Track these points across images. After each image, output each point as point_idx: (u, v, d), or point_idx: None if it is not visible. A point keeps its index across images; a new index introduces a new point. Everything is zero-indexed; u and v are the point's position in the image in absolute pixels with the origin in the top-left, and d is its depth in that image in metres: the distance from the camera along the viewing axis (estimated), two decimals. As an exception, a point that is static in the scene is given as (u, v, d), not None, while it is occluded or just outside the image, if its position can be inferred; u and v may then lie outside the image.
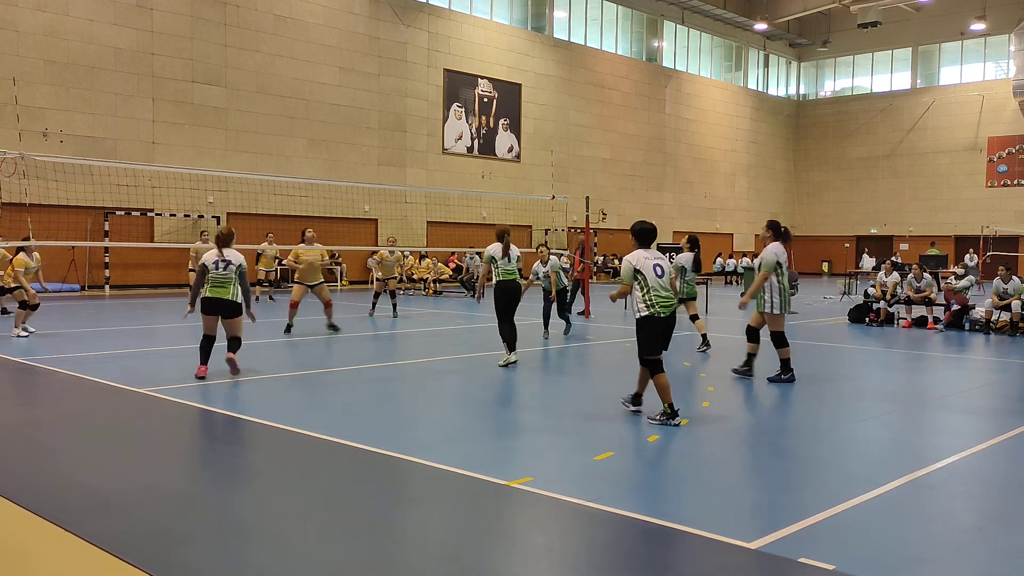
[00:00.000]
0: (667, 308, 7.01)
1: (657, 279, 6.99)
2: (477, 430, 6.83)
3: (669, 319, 7.04)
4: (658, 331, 7.00)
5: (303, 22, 27.26)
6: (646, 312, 6.98)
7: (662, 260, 7.14)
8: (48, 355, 10.51)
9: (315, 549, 4.02)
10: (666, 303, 7.01)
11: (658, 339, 7.02)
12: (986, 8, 40.83)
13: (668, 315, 7.02)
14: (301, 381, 9.04)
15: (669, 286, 7.09)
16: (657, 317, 6.96)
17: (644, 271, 6.98)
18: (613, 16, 38.40)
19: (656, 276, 6.99)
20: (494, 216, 31.71)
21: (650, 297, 6.97)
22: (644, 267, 6.99)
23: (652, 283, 6.97)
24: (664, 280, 7.04)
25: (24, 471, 5.41)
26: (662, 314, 6.97)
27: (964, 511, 4.89)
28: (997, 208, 40.60)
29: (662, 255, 7.23)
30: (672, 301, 7.09)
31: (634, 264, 7.02)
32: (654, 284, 6.97)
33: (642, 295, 6.99)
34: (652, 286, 6.97)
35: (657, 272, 7.01)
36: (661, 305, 6.97)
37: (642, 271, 6.98)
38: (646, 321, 6.99)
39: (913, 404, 8.23)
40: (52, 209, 20.61)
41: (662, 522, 4.40)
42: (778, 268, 9.02)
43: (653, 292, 6.97)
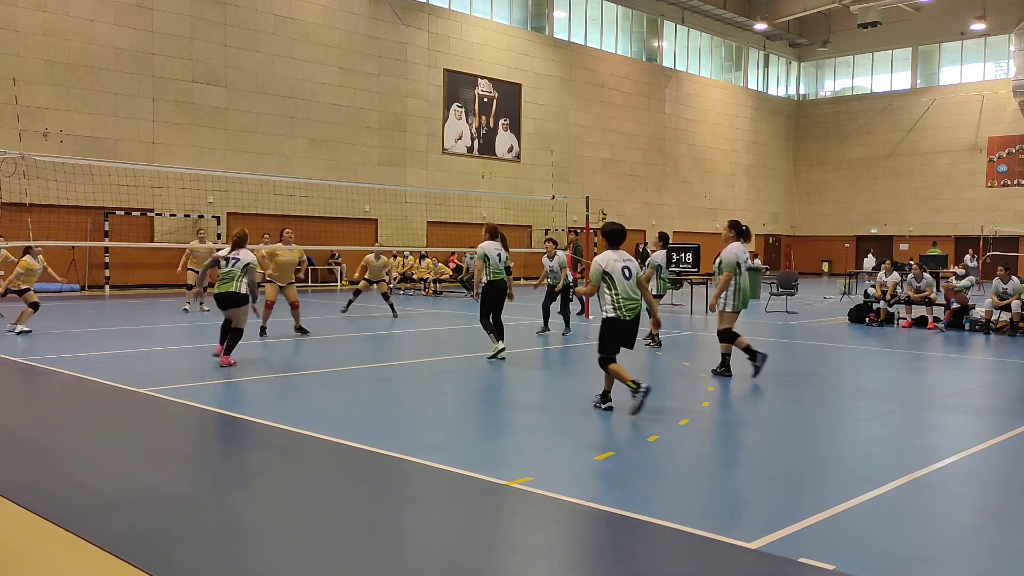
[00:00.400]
0: (632, 311, 7.15)
1: (625, 281, 7.11)
2: (477, 430, 6.83)
3: (633, 322, 7.18)
4: (621, 333, 7.16)
5: (303, 22, 27.27)
6: (612, 314, 7.13)
7: (631, 262, 7.23)
8: (48, 355, 10.51)
9: (315, 549, 4.02)
10: (632, 306, 7.14)
11: (619, 340, 7.19)
12: (986, 8, 40.83)
13: (632, 318, 7.16)
14: (301, 381, 9.04)
15: (637, 288, 7.20)
16: (622, 319, 7.12)
17: (612, 273, 7.10)
18: (613, 16, 38.40)
19: (624, 278, 7.11)
20: (494, 216, 31.68)
21: (617, 299, 7.10)
22: (613, 269, 7.11)
23: (620, 285, 7.09)
24: (632, 282, 7.16)
25: (24, 471, 5.41)
26: (627, 317, 7.13)
27: (964, 511, 4.89)
28: (997, 208, 40.60)
29: (632, 257, 7.31)
30: (638, 304, 7.21)
31: (603, 266, 7.12)
32: (622, 287, 7.10)
33: (610, 297, 7.12)
34: (620, 288, 7.09)
35: (625, 274, 7.13)
36: (627, 308, 7.12)
37: (610, 273, 7.10)
38: (611, 322, 7.16)
39: (913, 404, 8.23)
40: (52, 209, 20.62)
41: (662, 522, 4.40)
42: (737, 268, 9.18)
43: (621, 295, 7.10)
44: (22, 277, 12.94)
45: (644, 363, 10.90)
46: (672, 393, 8.71)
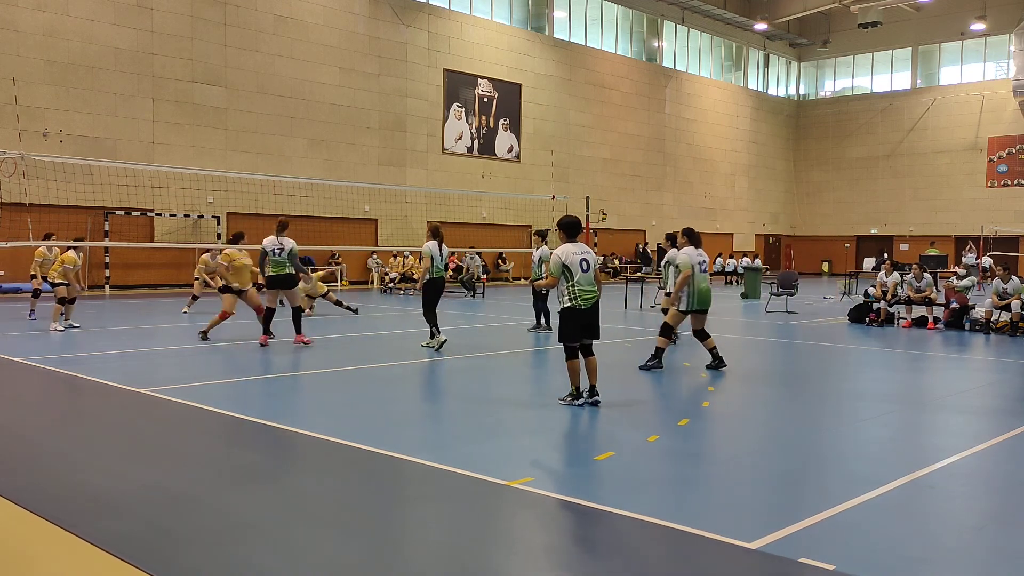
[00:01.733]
0: (588, 301, 7.46)
1: (583, 273, 7.43)
2: (477, 430, 6.83)
3: (590, 311, 7.49)
4: (580, 321, 7.44)
5: (303, 22, 27.27)
6: (568, 304, 7.45)
7: (588, 255, 7.54)
8: (48, 355, 10.51)
9: (315, 549, 4.02)
10: (588, 296, 7.45)
11: (579, 328, 7.49)
12: (986, 8, 40.83)
13: (589, 307, 7.47)
14: (301, 381, 9.04)
15: (594, 280, 7.54)
16: (578, 309, 7.42)
17: (571, 265, 7.39)
18: (613, 16, 38.40)
19: (582, 271, 7.43)
20: (494, 216, 31.72)
21: (573, 290, 7.41)
22: (571, 262, 7.39)
23: (577, 277, 7.40)
24: (589, 274, 7.48)
25: (24, 471, 5.41)
26: (583, 306, 7.43)
27: (964, 511, 4.89)
28: (997, 208, 40.61)
29: (589, 250, 7.61)
30: (594, 294, 7.52)
31: (562, 258, 7.41)
32: (579, 278, 7.41)
33: (566, 287, 7.44)
34: (577, 280, 7.40)
35: (583, 267, 7.44)
36: (583, 298, 7.42)
37: (569, 266, 7.39)
38: (568, 312, 7.47)
39: (913, 404, 8.23)
40: (52, 209, 20.61)
41: (662, 522, 4.40)
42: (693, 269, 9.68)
43: (577, 286, 7.40)
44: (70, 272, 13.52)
45: (644, 363, 10.90)
46: (672, 393, 8.71)
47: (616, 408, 7.78)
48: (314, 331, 13.81)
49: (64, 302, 13.34)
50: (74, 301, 13.69)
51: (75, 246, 14.16)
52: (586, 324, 7.51)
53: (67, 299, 13.41)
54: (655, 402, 8.23)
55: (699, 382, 9.19)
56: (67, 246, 14.21)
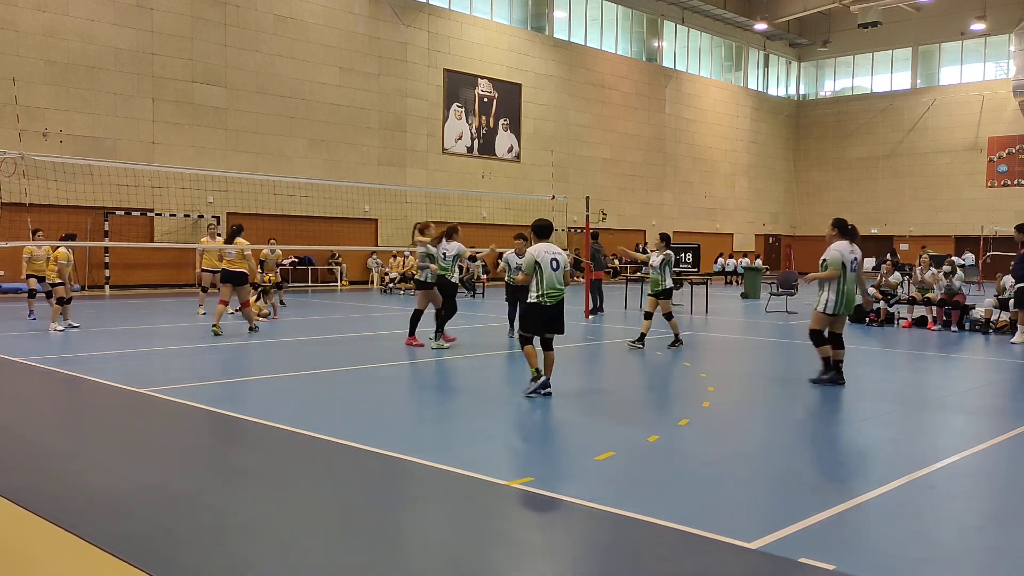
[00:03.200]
0: (554, 298, 7.98)
1: (552, 272, 7.96)
2: (477, 430, 6.83)
3: (554, 307, 8.00)
4: (544, 316, 7.99)
5: (303, 22, 27.27)
6: (535, 299, 7.97)
7: (559, 255, 8.05)
8: (48, 355, 10.51)
9: (315, 549, 4.02)
10: (553, 294, 7.96)
11: (540, 322, 8.01)
12: (986, 8, 40.83)
13: (553, 304, 7.98)
14: (301, 381, 9.04)
15: (562, 279, 8.02)
16: (542, 304, 7.96)
17: (542, 264, 7.93)
18: (613, 16, 38.40)
19: (552, 269, 7.96)
20: (494, 216, 31.71)
21: (542, 287, 7.93)
22: (543, 260, 7.93)
23: (547, 275, 7.92)
24: (558, 273, 7.98)
25: (24, 471, 5.41)
26: (546, 302, 7.96)
27: (964, 511, 4.89)
28: (997, 208, 40.61)
29: (560, 251, 8.12)
30: (560, 292, 8.01)
31: (536, 257, 7.94)
32: (548, 276, 7.92)
33: (535, 284, 7.96)
34: (546, 278, 7.92)
35: (553, 266, 7.97)
36: (549, 296, 7.95)
37: (541, 264, 7.93)
38: (533, 307, 8.00)
39: (913, 404, 8.23)
40: (52, 209, 20.61)
41: (662, 522, 4.39)
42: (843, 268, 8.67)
43: (546, 284, 7.92)
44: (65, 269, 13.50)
45: (645, 363, 10.90)
46: (672, 393, 8.71)
47: (616, 408, 7.79)
48: (314, 331, 13.82)
49: (62, 302, 13.33)
50: (70, 301, 13.67)
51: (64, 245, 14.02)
52: (549, 319, 8.00)
53: (65, 299, 13.40)
54: (655, 402, 8.23)
55: (699, 382, 9.19)
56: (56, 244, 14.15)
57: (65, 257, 13.60)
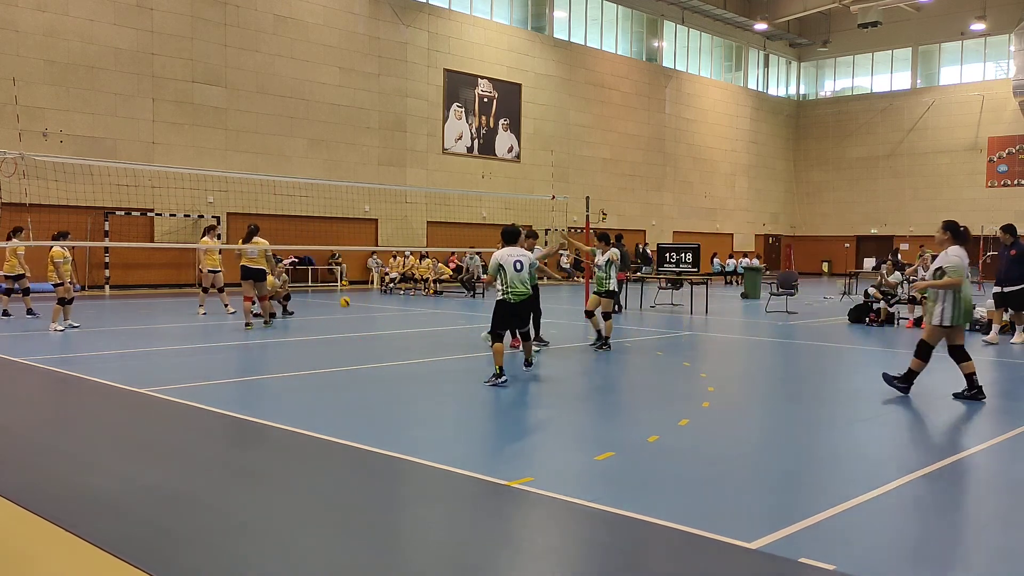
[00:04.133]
0: (518, 296, 8.97)
1: (515, 273, 8.96)
2: (477, 430, 6.83)
3: (519, 304, 9.02)
4: (509, 312, 8.99)
5: (303, 22, 27.27)
6: (501, 296, 8.99)
7: (522, 257, 9.08)
8: (48, 355, 10.51)
9: (315, 549, 4.02)
10: (517, 292, 8.96)
11: (508, 318, 9.04)
12: (986, 8, 40.84)
13: (518, 301, 8.98)
14: (301, 381, 9.03)
15: (527, 279, 9.05)
16: (508, 302, 8.96)
17: (505, 266, 8.94)
18: (613, 16, 38.41)
19: (515, 271, 8.96)
20: (494, 216, 31.71)
21: (506, 286, 8.96)
22: (506, 263, 8.95)
23: (510, 275, 8.95)
24: (523, 274, 8.99)
25: (24, 471, 5.41)
26: (511, 300, 8.95)
27: (964, 511, 4.89)
28: (997, 208, 40.60)
29: (525, 253, 9.21)
30: (525, 291, 9.02)
31: (499, 260, 8.96)
32: (511, 276, 8.95)
33: (500, 283, 9.00)
34: (510, 278, 8.95)
35: (516, 267, 8.97)
36: (513, 293, 8.95)
37: (504, 266, 8.94)
38: (500, 303, 9.01)
39: (913, 404, 8.23)
40: (52, 209, 20.61)
41: (662, 522, 4.39)
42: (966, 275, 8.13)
43: (510, 283, 8.95)
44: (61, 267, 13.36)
45: (644, 363, 10.90)
46: (672, 393, 8.71)
47: (616, 408, 7.79)
48: (314, 331, 13.82)
49: (63, 302, 13.32)
50: (72, 301, 13.62)
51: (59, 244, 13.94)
52: (514, 315, 9.07)
53: (67, 299, 13.38)
54: (655, 402, 8.22)
55: (699, 382, 9.19)
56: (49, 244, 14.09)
57: (61, 256, 13.45)
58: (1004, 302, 13.16)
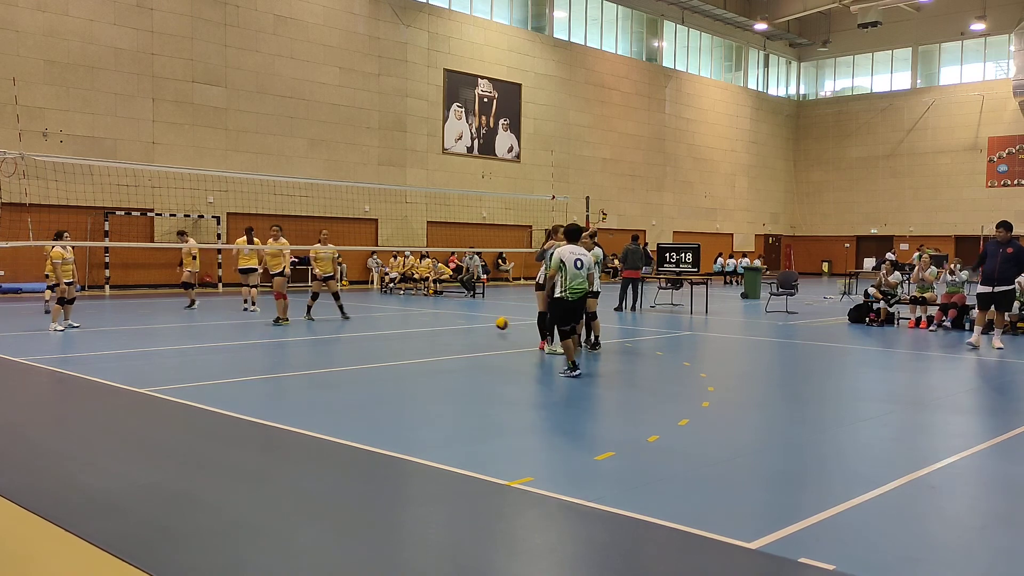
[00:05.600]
0: (575, 294, 9.09)
1: (576, 270, 9.07)
2: (477, 430, 6.83)
3: (577, 302, 9.14)
4: (567, 309, 9.12)
5: (303, 22, 27.27)
6: (559, 294, 9.08)
7: (583, 256, 9.18)
8: (48, 355, 10.51)
9: (315, 549, 4.02)
10: (575, 290, 9.06)
11: (568, 315, 9.15)
12: (986, 8, 40.84)
13: (575, 299, 9.10)
14: (301, 381, 9.04)
15: (587, 277, 9.20)
16: (565, 299, 9.08)
17: (567, 263, 9.04)
18: (613, 16, 38.41)
19: (575, 268, 9.06)
20: (494, 216, 31.73)
21: (566, 284, 9.04)
22: (568, 260, 9.06)
23: (570, 273, 9.05)
24: (583, 272, 9.11)
25: (24, 471, 5.41)
26: (569, 297, 9.07)
27: (964, 511, 4.89)
28: (997, 208, 40.59)
29: (585, 251, 9.31)
30: (583, 289, 9.14)
31: (562, 257, 9.08)
32: (571, 274, 9.05)
33: (560, 281, 9.06)
34: (570, 276, 9.04)
35: (576, 265, 9.08)
36: (571, 291, 9.07)
37: (565, 263, 9.04)
38: (557, 301, 9.16)
39: (913, 404, 8.23)
40: (52, 209, 20.61)
41: (662, 522, 4.39)
42: None
43: (569, 280, 9.03)
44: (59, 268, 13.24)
45: (644, 363, 10.90)
46: (672, 393, 8.71)
47: (616, 408, 7.80)
48: (314, 331, 13.83)
49: (63, 302, 13.30)
50: (73, 301, 13.60)
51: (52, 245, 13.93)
52: (572, 311, 9.19)
53: (68, 299, 13.37)
54: (655, 402, 8.22)
55: (699, 382, 9.19)
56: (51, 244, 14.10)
57: (59, 256, 13.31)
58: (990, 302, 12.41)
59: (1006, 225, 12.38)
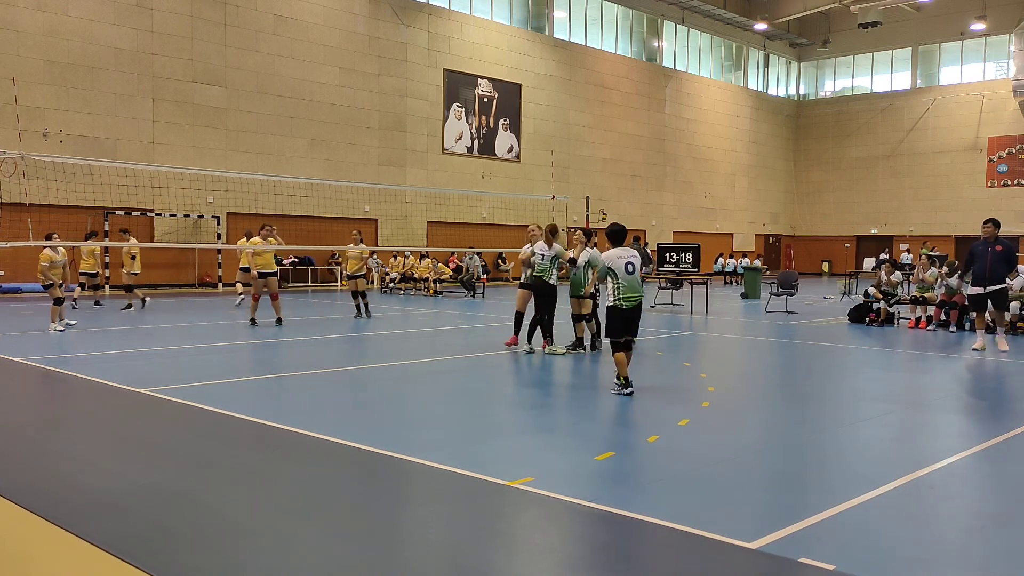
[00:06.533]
0: (631, 301, 8.07)
1: (628, 275, 8.05)
2: (477, 430, 6.83)
3: (633, 311, 8.12)
4: (622, 319, 8.08)
5: (303, 22, 27.27)
6: (612, 302, 8.10)
7: (634, 258, 8.14)
8: (48, 355, 10.51)
9: (315, 549, 4.02)
10: (630, 297, 8.05)
11: (621, 325, 8.08)
12: (986, 8, 40.83)
13: (631, 307, 8.08)
14: (301, 381, 9.03)
15: (639, 282, 8.14)
16: (620, 308, 8.06)
17: (615, 268, 8.04)
18: (613, 16, 38.41)
19: (627, 273, 8.04)
20: (494, 216, 31.73)
21: (618, 291, 8.05)
22: (616, 265, 8.05)
23: (622, 278, 8.04)
24: (635, 276, 8.09)
25: (24, 471, 5.41)
26: (624, 306, 8.05)
27: (964, 511, 4.89)
28: (997, 208, 40.53)
29: (635, 253, 8.21)
30: (639, 296, 8.11)
31: (608, 262, 8.10)
32: (623, 279, 8.04)
33: (612, 288, 8.08)
34: (621, 281, 8.04)
35: (628, 269, 8.05)
36: (625, 299, 8.04)
37: (614, 268, 8.05)
38: (612, 310, 8.13)
39: (913, 404, 8.23)
40: (52, 209, 20.61)
41: (662, 522, 4.39)
42: None
43: (622, 287, 8.04)
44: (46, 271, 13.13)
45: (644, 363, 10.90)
46: (672, 393, 8.71)
47: (616, 408, 7.79)
48: (313, 331, 13.83)
49: (58, 302, 13.21)
50: (62, 302, 13.39)
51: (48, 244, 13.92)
52: (629, 321, 8.10)
53: (60, 300, 13.28)
54: (655, 402, 8.22)
55: (699, 382, 9.18)
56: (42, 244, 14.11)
57: (47, 259, 13.21)
58: (985, 303, 12.16)
59: (995, 222, 12.19)
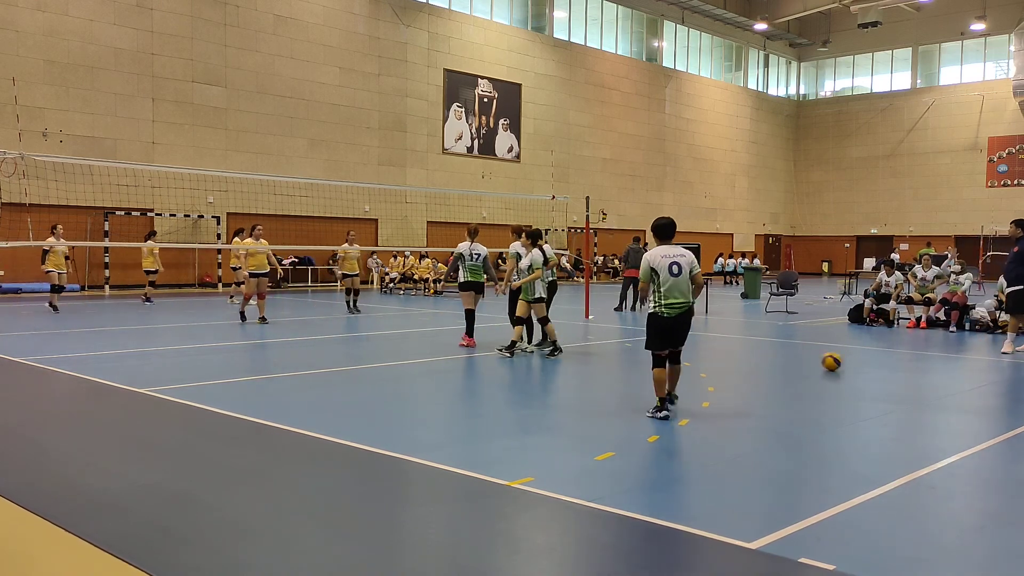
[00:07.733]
0: (674, 308, 6.97)
1: (672, 277, 6.93)
2: (477, 430, 6.83)
3: (677, 319, 6.99)
4: (663, 328, 7.01)
5: (303, 22, 27.27)
6: (652, 309, 7.06)
7: (680, 258, 7.01)
8: (48, 355, 10.51)
9: (315, 549, 4.02)
10: (673, 303, 6.97)
11: (660, 336, 7.03)
12: (986, 8, 40.84)
13: (674, 315, 6.97)
14: (301, 381, 9.03)
15: (686, 287, 7.01)
16: (660, 316, 7.00)
17: (658, 270, 6.97)
18: (613, 16, 38.41)
19: (671, 275, 6.94)
20: (494, 216, 31.71)
21: (659, 296, 6.98)
22: (659, 266, 6.98)
23: (664, 281, 6.94)
24: (682, 278, 6.96)
25: (24, 471, 5.41)
26: (665, 313, 6.98)
27: (964, 511, 4.89)
28: (997, 208, 40.60)
29: (684, 253, 7.09)
30: (684, 302, 6.99)
31: (651, 263, 7.00)
32: (666, 282, 6.94)
33: (652, 292, 7.03)
34: (664, 285, 6.95)
35: (673, 271, 6.95)
36: (667, 305, 6.97)
37: (656, 270, 6.98)
38: (652, 317, 7.08)
39: (913, 404, 8.23)
40: (52, 209, 20.62)
41: (662, 522, 4.39)
42: None
43: (664, 292, 6.97)
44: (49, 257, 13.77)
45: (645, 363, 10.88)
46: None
47: (616, 408, 7.79)
48: (313, 332, 13.83)
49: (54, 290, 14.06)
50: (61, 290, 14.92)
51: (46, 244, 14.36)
52: (670, 331, 7.01)
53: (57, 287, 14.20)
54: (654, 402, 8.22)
55: (699, 382, 9.18)
56: None
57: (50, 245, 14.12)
58: None
59: (1019, 223, 11.82)
